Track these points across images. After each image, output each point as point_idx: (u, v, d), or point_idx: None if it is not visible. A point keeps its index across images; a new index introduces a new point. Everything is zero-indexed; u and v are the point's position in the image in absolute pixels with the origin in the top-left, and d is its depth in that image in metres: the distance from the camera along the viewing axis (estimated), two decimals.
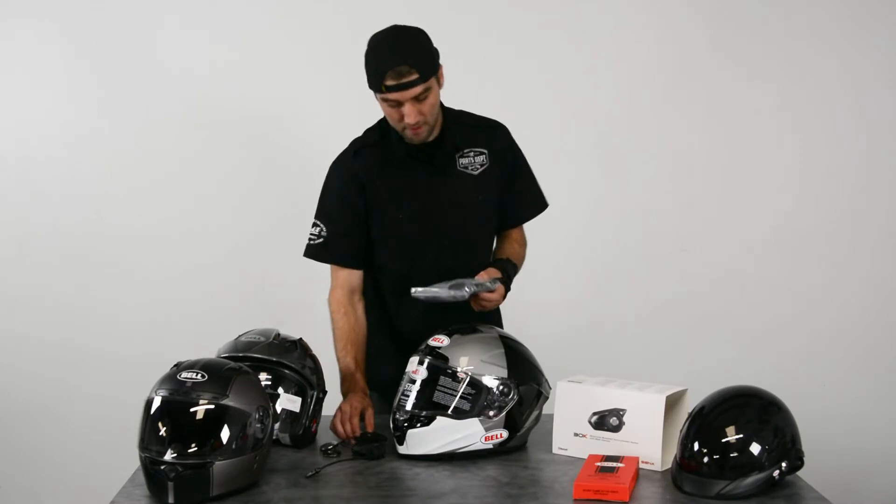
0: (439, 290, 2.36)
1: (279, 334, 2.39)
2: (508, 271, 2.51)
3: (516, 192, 2.62)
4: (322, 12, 3.59)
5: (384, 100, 2.38)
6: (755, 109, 3.67)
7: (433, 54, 2.40)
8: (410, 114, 2.35)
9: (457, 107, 2.59)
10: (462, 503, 1.97)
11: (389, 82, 2.32)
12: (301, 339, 2.43)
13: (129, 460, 2.09)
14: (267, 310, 3.48)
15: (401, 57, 2.32)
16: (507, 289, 2.49)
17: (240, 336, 2.39)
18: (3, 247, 3.59)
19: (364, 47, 3.59)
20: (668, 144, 3.67)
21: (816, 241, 3.69)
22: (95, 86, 3.58)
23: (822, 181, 3.69)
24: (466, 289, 2.37)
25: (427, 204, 2.52)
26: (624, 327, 3.65)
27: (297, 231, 3.60)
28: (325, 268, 3.63)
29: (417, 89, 2.33)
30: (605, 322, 3.63)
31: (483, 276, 2.42)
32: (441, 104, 2.50)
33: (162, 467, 1.93)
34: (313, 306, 3.62)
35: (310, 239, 2.59)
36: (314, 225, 2.58)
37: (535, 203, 2.67)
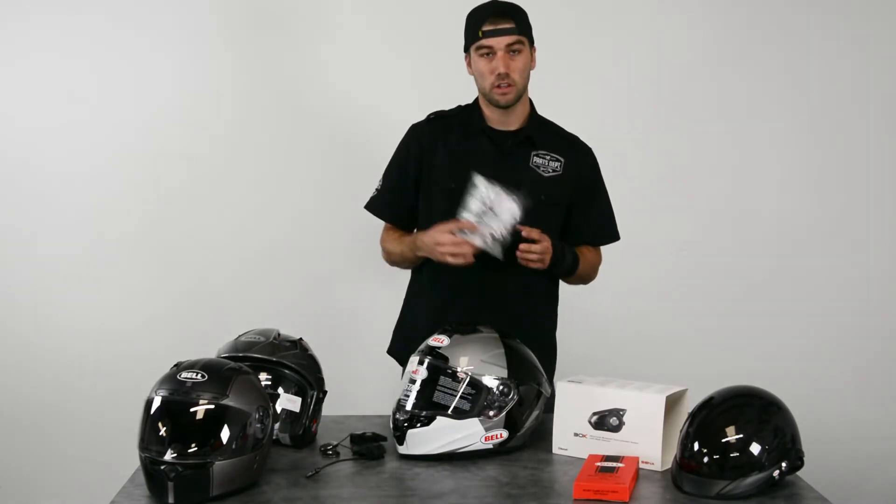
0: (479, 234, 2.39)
1: (279, 334, 2.39)
2: (564, 248, 2.55)
3: (588, 218, 2.69)
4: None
5: (478, 49, 2.51)
6: (756, 109, 3.67)
7: (530, 24, 2.56)
8: (501, 63, 2.49)
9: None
10: (462, 503, 1.97)
11: (487, 27, 2.49)
12: (301, 339, 2.43)
13: (129, 460, 2.09)
14: (267, 310, 3.48)
15: (500, 8, 2.53)
16: (556, 257, 2.50)
17: (240, 336, 2.39)
18: (4, 247, 3.59)
19: (359, 51, 3.62)
20: (668, 144, 3.67)
21: (817, 241, 3.69)
22: (95, 86, 3.57)
23: (824, 181, 3.69)
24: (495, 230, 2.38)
25: None
26: (624, 327, 3.65)
27: (297, 230, 3.64)
28: (325, 268, 3.67)
29: (512, 38, 2.49)
30: (605, 322, 3.62)
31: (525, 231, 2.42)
32: (532, 104, 2.64)
33: (162, 467, 1.93)
34: (313, 306, 3.66)
35: (373, 191, 2.71)
36: (380, 180, 2.71)
37: (602, 232, 2.74)
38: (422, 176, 2.64)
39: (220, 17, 3.58)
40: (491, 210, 2.39)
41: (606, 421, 2.21)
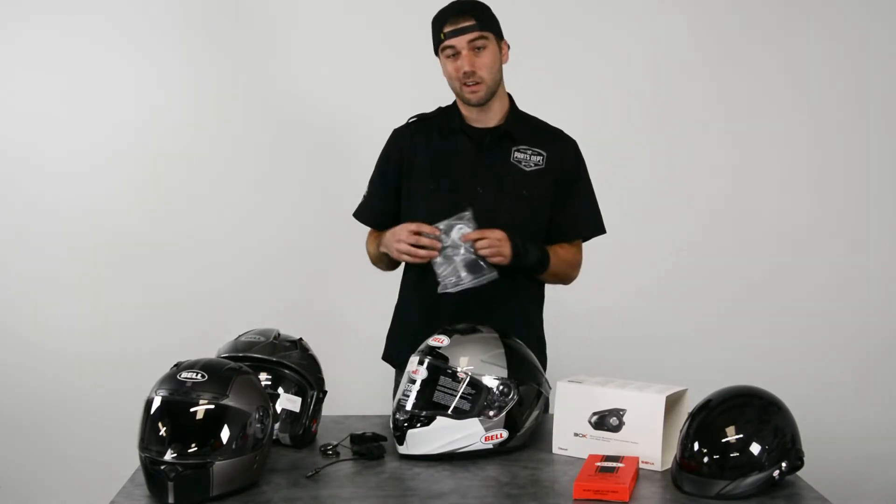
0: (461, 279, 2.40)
1: (279, 334, 2.39)
2: (527, 243, 2.49)
3: (570, 210, 2.65)
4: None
5: (443, 50, 2.51)
6: (756, 109, 3.67)
7: (495, 19, 2.55)
8: (466, 62, 2.48)
9: None
10: (462, 503, 1.97)
11: (448, 28, 2.50)
12: (301, 339, 2.43)
13: (129, 460, 2.09)
14: (267, 310, 3.48)
15: (460, 8, 2.52)
16: (517, 249, 2.45)
17: (240, 336, 2.39)
18: (4, 247, 3.59)
19: (360, 52, 3.61)
20: (668, 144, 3.68)
21: (817, 241, 3.69)
22: (95, 86, 3.58)
23: (824, 181, 3.69)
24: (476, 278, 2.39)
25: (465, 183, 2.57)
26: (624, 327, 3.65)
27: (297, 231, 3.64)
28: (325, 268, 3.67)
29: (473, 34, 2.48)
30: (605, 322, 3.63)
31: (474, 234, 2.40)
32: (512, 100, 2.63)
33: (162, 467, 1.93)
34: (313, 306, 3.66)
35: (361, 198, 2.73)
36: (367, 187, 2.73)
37: (586, 225, 2.69)
38: (402, 179, 2.64)
39: (221, 18, 3.58)
40: (453, 248, 2.40)
41: (606, 421, 2.21)
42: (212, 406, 1.96)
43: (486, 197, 2.56)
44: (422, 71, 3.42)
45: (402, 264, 2.68)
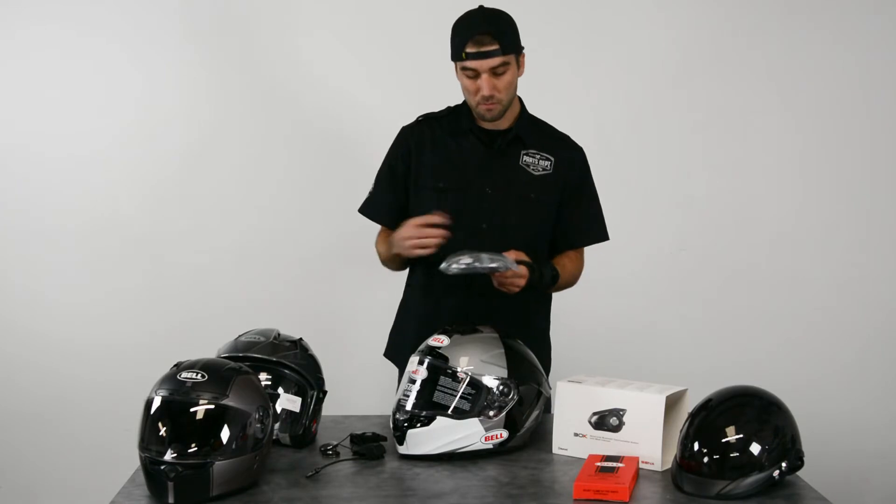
0: (463, 263, 2.32)
1: (279, 334, 2.39)
2: (542, 267, 2.49)
3: (576, 217, 2.65)
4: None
5: (463, 69, 2.46)
6: (756, 109, 3.67)
7: (517, 35, 2.49)
8: (486, 86, 2.44)
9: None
10: (462, 503, 1.97)
11: (470, 49, 2.42)
12: (301, 338, 2.43)
13: (129, 460, 2.09)
14: (267, 310, 3.48)
15: (484, 27, 2.42)
16: (532, 282, 2.44)
17: (240, 336, 2.39)
18: (5, 245, 3.59)
19: (359, 51, 3.61)
20: (668, 144, 3.67)
21: (817, 241, 3.69)
22: (95, 86, 3.58)
23: (824, 181, 3.69)
24: (487, 263, 2.32)
25: (473, 183, 2.58)
26: (624, 327, 3.65)
27: (298, 230, 3.64)
28: (325, 268, 3.67)
29: (496, 60, 2.42)
30: (605, 322, 3.63)
31: (511, 254, 2.39)
32: (522, 103, 2.62)
33: (162, 467, 1.93)
34: (313, 307, 3.66)
35: (367, 195, 2.71)
36: (373, 183, 2.71)
37: (591, 232, 2.69)
38: (410, 177, 2.64)
39: (223, 16, 3.58)
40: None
41: (606, 421, 2.21)
42: (212, 406, 1.96)
43: (494, 198, 2.57)
44: (423, 68, 3.43)
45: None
